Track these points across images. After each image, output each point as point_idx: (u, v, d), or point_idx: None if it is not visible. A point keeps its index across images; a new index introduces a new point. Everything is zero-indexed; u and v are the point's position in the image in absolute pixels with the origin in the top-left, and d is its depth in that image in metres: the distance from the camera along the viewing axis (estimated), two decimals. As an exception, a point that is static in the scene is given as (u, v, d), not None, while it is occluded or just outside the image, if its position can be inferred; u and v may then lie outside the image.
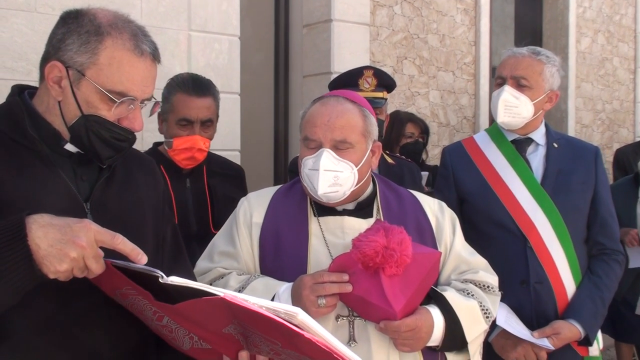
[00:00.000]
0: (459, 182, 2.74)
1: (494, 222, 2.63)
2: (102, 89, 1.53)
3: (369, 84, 3.13)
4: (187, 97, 2.80)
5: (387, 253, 1.79)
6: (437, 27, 5.90)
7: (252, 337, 1.44)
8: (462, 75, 6.12)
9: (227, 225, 2.17)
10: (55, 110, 1.58)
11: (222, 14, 4.13)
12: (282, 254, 2.02)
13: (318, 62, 5.08)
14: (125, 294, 1.49)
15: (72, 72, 1.53)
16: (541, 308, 2.58)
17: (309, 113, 2.04)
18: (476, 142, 2.82)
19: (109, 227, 1.51)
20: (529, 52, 2.66)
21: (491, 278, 2.13)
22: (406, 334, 1.86)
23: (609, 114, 7.66)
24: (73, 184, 1.59)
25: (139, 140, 3.69)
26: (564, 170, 2.66)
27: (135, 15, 3.66)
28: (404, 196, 2.19)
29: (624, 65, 7.77)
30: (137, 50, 1.56)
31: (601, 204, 2.70)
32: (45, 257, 1.31)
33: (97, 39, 1.53)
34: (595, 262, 2.67)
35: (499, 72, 2.72)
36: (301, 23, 5.22)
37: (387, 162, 3.28)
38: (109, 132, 1.57)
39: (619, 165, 5.62)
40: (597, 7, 7.43)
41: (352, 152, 1.99)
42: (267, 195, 2.15)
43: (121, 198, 1.69)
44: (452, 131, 6.09)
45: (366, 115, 2.04)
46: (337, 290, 1.83)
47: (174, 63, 3.87)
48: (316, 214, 2.07)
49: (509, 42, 7.14)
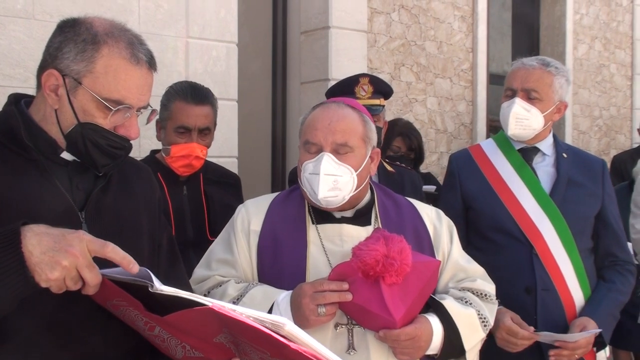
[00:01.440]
0: (464, 189, 2.73)
1: (499, 229, 2.62)
2: (99, 97, 1.53)
3: (365, 91, 3.13)
4: (185, 105, 2.81)
5: (387, 262, 1.79)
6: (434, 34, 5.92)
7: (243, 345, 1.44)
8: (459, 82, 6.13)
9: (224, 232, 2.15)
10: (51, 118, 1.58)
11: (220, 21, 4.14)
12: (281, 262, 2.01)
13: (316, 69, 5.09)
14: (117, 305, 1.49)
15: (68, 80, 1.54)
16: (549, 316, 2.56)
17: (310, 117, 2.05)
18: (483, 149, 2.81)
19: (104, 236, 1.50)
20: (539, 64, 2.65)
21: (489, 286, 2.14)
22: (406, 343, 1.86)
23: (606, 121, 7.67)
24: (68, 193, 1.59)
25: (136, 147, 3.70)
26: (574, 181, 2.67)
27: (133, 22, 3.69)
28: (402, 204, 2.19)
29: (621, 71, 7.79)
30: (133, 59, 1.56)
31: (612, 216, 2.72)
32: (37, 264, 1.31)
33: (94, 48, 1.54)
34: (608, 271, 2.69)
35: (508, 84, 2.69)
36: (299, 30, 5.23)
37: (387, 170, 3.27)
38: (105, 139, 1.57)
39: (616, 172, 5.63)
40: (594, 14, 7.46)
41: (352, 156, 1.99)
42: (264, 203, 2.14)
43: (117, 206, 1.69)
44: (450, 138, 6.10)
45: (366, 121, 2.06)
46: (337, 299, 1.83)
47: (171, 70, 3.88)
48: (314, 222, 2.06)
49: (506, 49, 7.16)
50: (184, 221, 2.82)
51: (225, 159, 3.69)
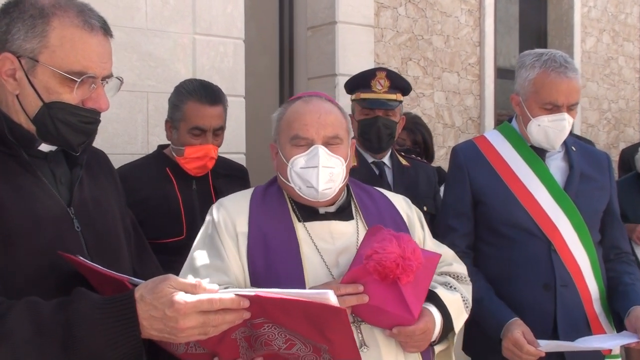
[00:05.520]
0: (474, 183, 2.65)
1: (514, 224, 2.56)
2: (60, 71, 1.47)
3: (381, 85, 3.12)
4: (200, 106, 2.80)
5: (405, 264, 1.80)
6: (441, 28, 5.90)
7: (260, 339, 1.48)
8: (466, 76, 6.12)
9: (205, 236, 2.02)
10: (15, 106, 1.51)
11: (226, 17, 4.14)
12: (274, 264, 1.94)
13: (322, 64, 5.09)
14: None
15: (24, 60, 1.47)
16: (568, 313, 2.52)
17: (293, 112, 2.03)
18: (490, 141, 2.73)
19: (92, 230, 1.54)
20: (573, 73, 2.51)
21: (462, 268, 2.20)
22: (419, 337, 1.89)
23: (615, 114, 7.64)
24: (54, 189, 1.56)
25: (144, 144, 3.72)
26: (585, 175, 2.64)
27: (139, 19, 3.70)
28: (375, 195, 2.19)
29: (630, 64, 7.75)
30: (86, 26, 1.50)
31: (617, 209, 2.72)
32: (162, 342, 1.41)
33: (44, 21, 1.47)
34: (619, 264, 2.68)
35: (551, 99, 2.49)
36: (305, 25, 5.22)
37: (402, 164, 3.25)
38: (75, 116, 1.51)
39: (624, 166, 5.60)
40: (602, 6, 7.42)
41: (341, 147, 2.01)
42: (243, 201, 2.07)
43: (94, 198, 1.66)
44: (457, 132, 6.09)
45: (344, 112, 2.09)
46: (355, 301, 1.83)
47: (178, 66, 3.88)
48: (300, 219, 2.03)
49: (513, 43, 7.13)
50: (195, 216, 2.82)
51: (233, 155, 3.69)
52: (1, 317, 1.30)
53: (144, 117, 3.75)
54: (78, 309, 1.32)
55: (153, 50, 3.76)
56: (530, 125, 2.56)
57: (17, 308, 1.33)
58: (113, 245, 1.67)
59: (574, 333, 2.49)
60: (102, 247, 1.61)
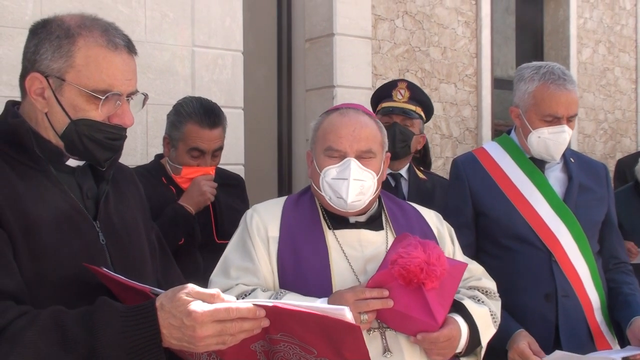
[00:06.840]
0: (475, 195, 2.66)
1: (514, 236, 2.58)
2: (85, 89, 1.52)
3: (402, 95, 3.23)
4: (199, 129, 2.79)
5: (429, 269, 1.82)
6: (438, 39, 5.95)
7: (278, 354, 1.50)
8: (464, 87, 6.16)
9: (238, 239, 2.10)
10: (44, 123, 1.57)
11: (225, 29, 4.17)
12: (303, 269, 1.99)
13: (320, 76, 5.12)
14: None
15: (52, 80, 1.53)
16: (570, 323, 2.53)
17: (329, 124, 2.07)
18: (489, 153, 2.75)
19: (117, 243, 1.55)
20: (572, 85, 2.53)
21: (491, 284, 2.20)
22: (443, 344, 1.90)
23: (611, 124, 7.68)
24: (81, 203, 1.60)
25: (143, 155, 3.74)
26: (584, 186, 2.66)
27: (139, 32, 3.73)
28: (406, 208, 2.22)
29: (626, 75, 7.80)
30: (110, 45, 1.54)
31: (614, 219, 2.73)
32: (182, 353, 1.42)
33: (69, 41, 1.52)
34: (617, 274, 2.70)
35: (551, 111, 2.52)
36: (303, 37, 5.26)
37: (419, 177, 3.31)
38: (101, 132, 1.56)
39: (620, 176, 5.61)
40: (597, 17, 7.48)
41: (374, 161, 2.04)
42: (277, 207, 2.13)
43: (119, 212, 1.69)
44: (455, 143, 6.12)
45: (381, 126, 2.11)
46: (380, 306, 1.85)
47: (178, 79, 3.91)
48: (331, 227, 2.08)
49: (510, 54, 7.18)
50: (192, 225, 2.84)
51: (231, 166, 3.72)
52: (27, 325, 1.34)
53: (143, 128, 3.78)
54: (101, 317, 1.35)
55: (152, 62, 3.79)
56: (531, 137, 2.59)
57: (42, 316, 1.36)
58: (137, 260, 1.70)
59: (576, 343, 2.50)
60: (126, 261, 1.64)
